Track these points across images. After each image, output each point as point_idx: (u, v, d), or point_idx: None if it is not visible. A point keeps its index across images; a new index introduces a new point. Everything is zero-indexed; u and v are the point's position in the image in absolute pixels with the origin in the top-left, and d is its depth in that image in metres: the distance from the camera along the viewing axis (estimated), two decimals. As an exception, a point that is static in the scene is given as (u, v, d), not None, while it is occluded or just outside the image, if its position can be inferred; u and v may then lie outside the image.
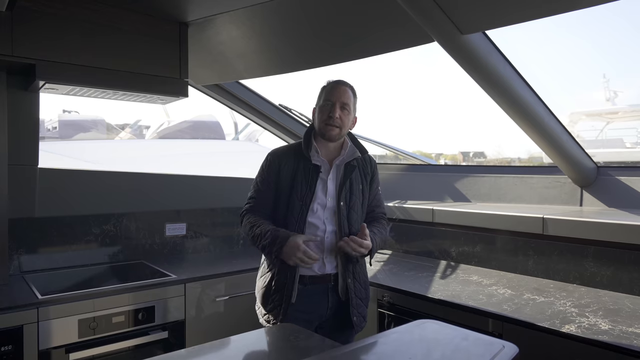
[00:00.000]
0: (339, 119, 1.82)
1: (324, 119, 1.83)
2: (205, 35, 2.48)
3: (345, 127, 1.87)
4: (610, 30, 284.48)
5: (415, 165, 3.49)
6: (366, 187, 1.94)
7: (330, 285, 1.86)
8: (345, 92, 1.86)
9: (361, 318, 1.88)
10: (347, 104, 1.85)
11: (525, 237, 2.42)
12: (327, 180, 1.86)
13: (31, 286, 2.17)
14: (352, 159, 1.88)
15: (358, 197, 1.89)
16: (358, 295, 1.87)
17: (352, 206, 1.86)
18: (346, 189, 1.85)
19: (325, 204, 1.85)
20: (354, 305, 1.84)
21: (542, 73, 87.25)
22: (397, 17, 1.94)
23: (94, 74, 2.13)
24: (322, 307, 1.86)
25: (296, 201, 1.82)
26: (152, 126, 9.86)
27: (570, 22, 66.62)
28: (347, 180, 1.86)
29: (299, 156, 1.86)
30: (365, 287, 1.93)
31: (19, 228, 2.42)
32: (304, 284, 1.83)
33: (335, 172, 1.88)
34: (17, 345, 1.89)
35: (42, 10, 2.00)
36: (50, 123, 8.40)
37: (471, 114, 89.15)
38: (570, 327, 1.64)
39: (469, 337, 1.05)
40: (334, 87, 1.86)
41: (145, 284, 2.26)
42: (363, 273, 1.94)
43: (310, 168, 1.84)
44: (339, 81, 1.89)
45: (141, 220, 2.84)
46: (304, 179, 1.83)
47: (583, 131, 15.13)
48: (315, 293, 1.85)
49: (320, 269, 1.84)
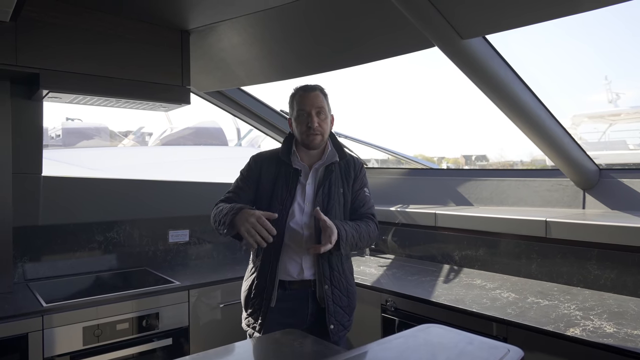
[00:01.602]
0: (319, 127, 1.80)
1: (304, 130, 1.80)
2: (207, 43, 2.49)
3: (326, 132, 1.85)
4: (612, 32, 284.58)
5: (417, 169, 3.50)
6: (347, 190, 1.89)
7: (311, 291, 1.82)
8: (317, 97, 1.82)
9: (340, 326, 1.82)
10: (322, 107, 1.82)
11: (528, 241, 2.42)
12: (305, 185, 1.84)
13: (36, 294, 2.17)
14: (331, 163, 1.86)
15: (337, 200, 1.84)
16: (337, 302, 1.81)
17: (329, 210, 1.81)
18: (323, 193, 1.82)
19: (303, 208, 1.82)
20: (330, 312, 1.79)
21: (543, 76, 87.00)
22: (397, 22, 1.95)
23: (97, 83, 2.15)
24: (303, 313, 1.83)
25: (276, 205, 1.80)
26: (155, 133, 9.90)
27: (571, 24, 66.30)
28: (324, 184, 1.83)
29: (281, 161, 1.85)
30: (347, 294, 1.86)
31: (23, 236, 2.43)
32: (284, 289, 1.81)
33: (314, 177, 1.86)
34: (22, 354, 1.90)
35: (45, 20, 2.02)
36: (54, 131, 8.44)
37: (473, 117, 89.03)
38: (575, 331, 1.64)
39: (473, 341, 1.05)
40: (304, 95, 1.82)
41: (149, 291, 2.27)
42: (345, 280, 1.86)
43: (290, 172, 1.83)
44: (307, 87, 1.85)
45: (144, 227, 2.85)
46: (284, 183, 1.82)
47: (585, 133, 15.12)
48: (296, 298, 1.82)
49: (299, 274, 1.81)
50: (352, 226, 1.80)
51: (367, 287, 2.36)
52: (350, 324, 1.89)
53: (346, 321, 1.86)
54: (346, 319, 1.86)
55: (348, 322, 1.87)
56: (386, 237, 3.14)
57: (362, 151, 3.73)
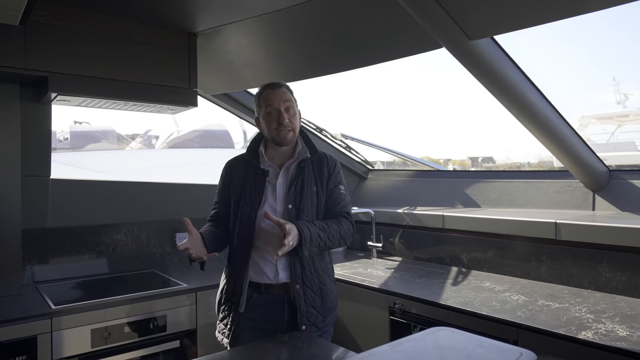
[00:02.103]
0: (290, 122, 1.78)
1: (275, 127, 1.78)
2: (213, 45, 2.50)
3: (297, 128, 1.83)
4: (621, 32, 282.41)
5: (424, 171, 3.48)
6: (321, 189, 1.84)
7: (287, 297, 1.77)
8: (285, 93, 1.81)
9: (313, 327, 1.75)
10: (290, 102, 1.81)
11: (537, 243, 2.39)
12: (276, 185, 1.81)
13: (44, 296, 2.18)
14: (302, 160, 1.83)
15: (310, 199, 1.80)
16: (309, 302, 1.75)
17: (301, 209, 1.77)
18: (295, 192, 1.78)
19: (275, 208, 1.79)
20: (302, 312, 1.73)
21: (551, 77, 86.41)
22: (404, 23, 1.94)
23: (105, 85, 2.16)
24: (278, 318, 1.77)
25: (245, 207, 1.79)
26: (161, 136, 9.94)
27: (580, 24, 65.54)
28: (296, 182, 1.79)
29: (250, 162, 1.85)
30: (321, 295, 1.79)
31: (32, 239, 2.44)
32: (259, 292, 1.77)
33: (285, 175, 1.83)
34: (31, 355, 1.90)
35: (53, 23, 2.03)
36: (62, 134, 8.51)
37: (479, 119, 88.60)
38: (587, 334, 1.61)
39: (484, 344, 1.04)
40: (272, 92, 1.80)
41: (157, 294, 2.27)
42: (318, 280, 1.79)
43: (258, 173, 1.81)
44: (273, 84, 1.83)
45: (151, 229, 2.85)
46: (252, 185, 1.81)
47: (594, 135, 14.99)
48: (270, 302, 1.78)
49: (275, 277, 1.76)
50: (320, 226, 1.74)
51: (374, 289, 2.35)
52: (325, 325, 1.81)
53: (320, 322, 1.78)
54: (320, 320, 1.78)
55: (323, 324, 1.79)
56: (393, 239, 3.13)
57: (369, 153, 3.73)
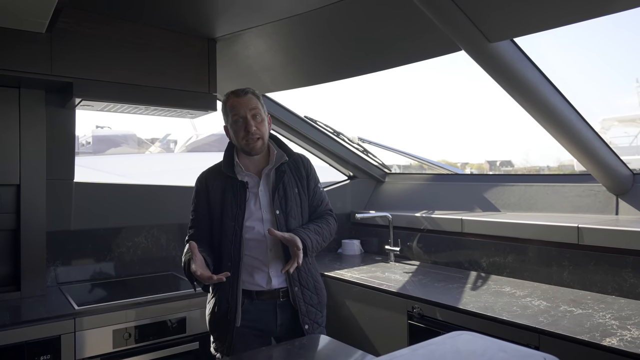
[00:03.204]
0: (257, 130, 1.75)
1: (242, 136, 1.75)
2: (232, 50, 2.53)
3: (266, 135, 1.79)
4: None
5: (441, 174, 3.46)
6: (302, 190, 1.84)
7: (279, 302, 1.78)
8: (250, 100, 1.76)
9: (314, 324, 1.80)
10: (256, 108, 1.76)
11: (559, 247, 2.35)
12: (258, 193, 1.79)
13: (67, 297, 2.23)
14: (280, 164, 1.80)
15: (294, 202, 1.80)
16: (308, 302, 1.79)
17: (288, 212, 1.77)
18: (280, 196, 1.77)
19: (262, 217, 1.77)
20: (303, 312, 1.77)
21: (573, 78, 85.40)
22: (423, 27, 1.94)
23: (127, 90, 2.21)
24: (271, 323, 1.79)
25: (228, 222, 1.75)
26: (180, 140, 10.07)
27: (602, 25, 63.91)
28: (279, 187, 1.78)
29: (225, 175, 1.79)
30: (316, 292, 1.84)
31: (56, 240, 2.50)
32: (251, 299, 1.77)
33: (266, 183, 1.81)
34: (55, 355, 1.94)
35: (79, 30, 2.09)
36: (84, 138, 8.68)
37: (497, 122, 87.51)
38: (612, 340, 1.58)
39: (506, 349, 1.02)
40: (237, 100, 1.76)
41: (176, 295, 2.30)
42: (312, 278, 1.84)
43: (237, 185, 1.77)
44: (237, 92, 1.78)
45: (171, 232, 2.89)
46: (233, 199, 1.76)
47: (616, 138, 14.64)
48: (263, 309, 1.78)
49: (267, 283, 1.77)
50: (315, 230, 1.78)
51: (392, 293, 2.33)
52: (323, 320, 1.87)
53: (319, 318, 1.84)
54: (319, 316, 1.84)
55: (322, 319, 1.86)
56: (411, 243, 3.11)
57: (386, 156, 3.71)
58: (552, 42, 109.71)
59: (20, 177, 2.26)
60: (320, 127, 3.37)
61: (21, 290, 2.25)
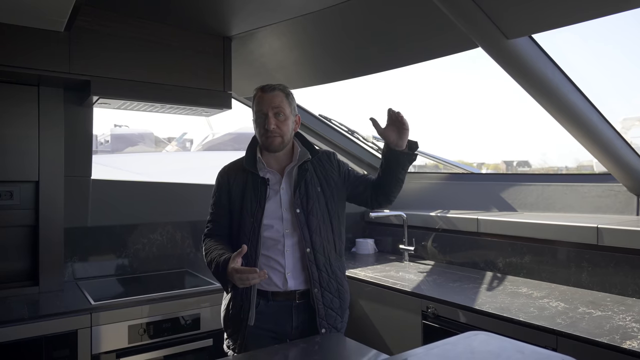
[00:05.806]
0: (277, 128, 1.70)
1: (262, 132, 1.72)
2: (247, 49, 2.54)
3: (287, 134, 1.75)
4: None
5: (457, 174, 3.42)
6: (326, 187, 1.78)
7: (295, 304, 1.73)
8: (276, 97, 1.72)
9: (333, 329, 1.73)
10: (281, 107, 1.72)
11: (578, 248, 2.31)
12: (279, 191, 1.75)
13: (84, 292, 2.26)
14: (303, 162, 1.76)
15: (316, 200, 1.75)
16: (328, 305, 1.72)
17: (310, 211, 1.72)
18: (301, 195, 1.73)
19: (281, 216, 1.72)
20: (321, 315, 1.70)
21: (593, 76, 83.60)
22: (439, 23, 1.92)
23: (144, 89, 2.23)
24: (287, 326, 1.74)
25: (247, 218, 1.71)
26: (196, 139, 10.13)
27: (623, 20, 61.67)
28: (300, 185, 1.73)
29: (247, 170, 1.76)
30: (339, 296, 1.77)
31: (73, 237, 2.53)
32: (266, 299, 1.72)
33: (288, 180, 1.76)
34: (72, 349, 1.97)
35: (96, 29, 2.11)
36: (103, 137, 8.78)
37: (514, 121, 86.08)
38: (632, 343, 1.54)
39: (524, 350, 1.01)
40: (262, 96, 1.73)
41: (191, 292, 2.31)
42: (335, 281, 1.76)
43: (258, 182, 1.73)
44: (265, 87, 1.75)
45: (186, 229, 2.91)
46: (253, 195, 1.72)
47: (637, 137, 14.33)
48: (278, 310, 1.73)
49: (284, 284, 1.72)
50: None
51: (407, 292, 2.32)
52: (343, 325, 1.80)
53: (339, 323, 1.77)
54: (339, 321, 1.77)
55: (341, 324, 1.79)
56: (426, 242, 3.08)
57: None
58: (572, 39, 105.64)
59: (39, 174, 2.30)
60: (334, 126, 3.36)
61: (39, 285, 2.29)
